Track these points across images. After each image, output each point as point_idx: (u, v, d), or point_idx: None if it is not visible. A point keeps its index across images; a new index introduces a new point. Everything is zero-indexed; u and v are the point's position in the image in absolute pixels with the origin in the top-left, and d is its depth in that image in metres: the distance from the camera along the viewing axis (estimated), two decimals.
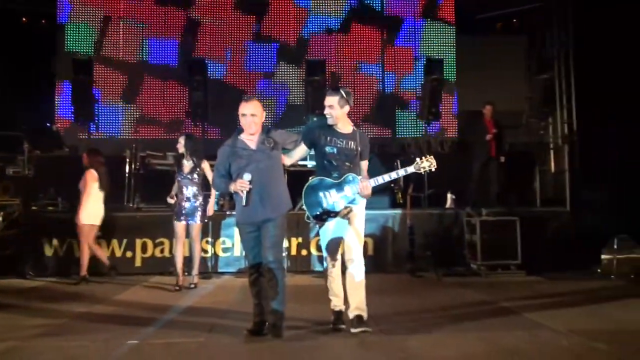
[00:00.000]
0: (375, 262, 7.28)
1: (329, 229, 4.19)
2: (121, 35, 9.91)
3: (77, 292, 5.89)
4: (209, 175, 6.11)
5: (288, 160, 4.23)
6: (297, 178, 7.90)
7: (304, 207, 4.15)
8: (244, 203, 3.90)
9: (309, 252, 7.31)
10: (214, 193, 6.28)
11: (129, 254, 7.13)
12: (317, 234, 7.21)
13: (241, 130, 4.04)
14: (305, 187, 4.14)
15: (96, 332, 4.14)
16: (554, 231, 7.62)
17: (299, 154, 4.22)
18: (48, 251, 7.05)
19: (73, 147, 9.39)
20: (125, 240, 7.13)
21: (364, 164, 4.21)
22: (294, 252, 7.29)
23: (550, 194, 8.94)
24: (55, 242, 7.04)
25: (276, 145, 4.03)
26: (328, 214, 4.10)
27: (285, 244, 7.09)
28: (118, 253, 7.12)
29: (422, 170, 4.11)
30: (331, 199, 4.09)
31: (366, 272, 7.06)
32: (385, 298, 5.58)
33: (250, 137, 4.02)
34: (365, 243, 7.31)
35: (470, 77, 9.96)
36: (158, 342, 3.85)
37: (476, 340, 3.85)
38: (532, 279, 6.60)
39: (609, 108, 8.37)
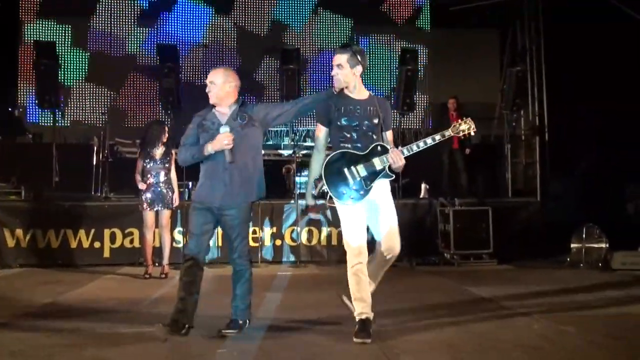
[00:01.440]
0: None
1: (358, 214, 3.48)
2: (90, 19, 9.63)
3: (43, 282, 5.72)
4: (173, 164, 6.05)
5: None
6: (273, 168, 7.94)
7: (325, 188, 3.45)
8: (228, 159, 3.44)
9: (283, 242, 7.29)
10: (176, 181, 6.14)
11: (97, 244, 6.96)
12: (293, 224, 7.22)
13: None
14: (324, 164, 3.46)
15: (61, 322, 4.02)
16: (524, 221, 7.80)
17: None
18: (10, 242, 6.82)
19: (37, 134, 9.11)
20: (93, 231, 6.96)
21: (389, 135, 3.59)
22: (267, 242, 7.25)
23: (521, 184, 9.14)
24: (18, 232, 6.82)
25: (250, 121, 3.54)
26: (357, 193, 3.43)
27: (260, 234, 7.06)
28: (85, 244, 6.94)
29: (460, 134, 3.62)
30: (358, 175, 3.43)
31: (341, 261, 7.18)
32: None
33: (223, 109, 3.60)
34: (340, 233, 7.35)
35: (444, 69, 10.05)
36: (127, 332, 3.76)
37: (449, 325, 3.90)
38: (503, 268, 6.74)
39: (578, 101, 8.59)
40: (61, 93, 8.60)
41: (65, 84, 9.22)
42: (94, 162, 7.89)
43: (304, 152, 7.96)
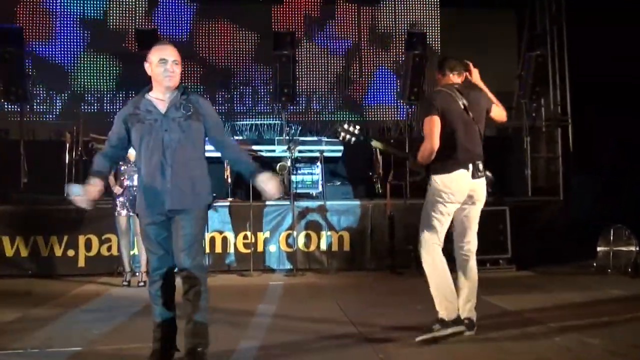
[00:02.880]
0: (352, 259, 7.37)
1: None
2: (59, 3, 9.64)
3: (11, 295, 5.76)
4: None
5: None
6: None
7: None
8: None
9: (277, 248, 7.33)
10: None
11: (70, 252, 7.00)
12: (289, 228, 7.26)
13: (150, 89, 3.36)
14: None
15: (32, 338, 4.06)
16: (546, 222, 7.85)
17: None
18: None
19: (3, 130, 9.14)
20: (66, 237, 6.99)
21: None
22: (260, 248, 7.29)
23: (542, 181, 9.19)
24: None
25: (195, 114, 3.29)
26: None
27: (252, 239, 7.09)
28: (58, 252, 6.97)
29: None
30: None
31: (342, 270, 7.27)
32: (362, 297, 5.68)
33: (160, 96, 3.30)
34: (341, 237, 7.43)
35: (456, 53, 10.06)
36: (105, 349, 3.81)
37: (463, 340, 3.94)
38: (522, 274, 6.80)
39: (605, 88, 8.63)
40: (28, 85, 8.61)
41: (33, 74, 9.20)
42: (67, 161, 7.90)
43: (300, 147, 7.99)
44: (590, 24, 8.67)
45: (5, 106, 8.98)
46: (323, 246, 7.37)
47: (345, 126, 4.18)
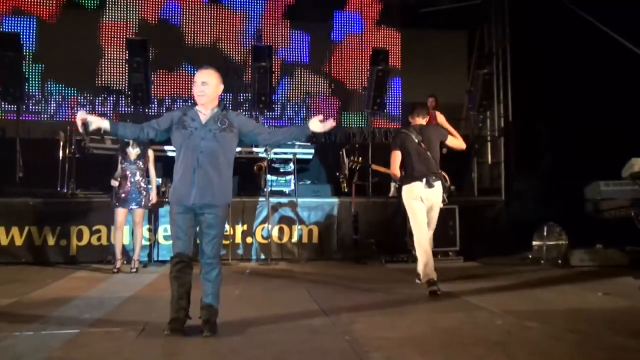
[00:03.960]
0: (320, 250, 7.38)
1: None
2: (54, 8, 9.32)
3: (6, 281, 5.55)
4: (152, 164, 6.27)
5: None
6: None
7: None
8: (80, 130, 3.69)
9: (253, 240, 7.27)
10: (155, 180, 6.31)
11: (63, 242, 6.81)
12: (264, 222, 7.21)
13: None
14: None
15: (27, 322, 3.93)
16: (489, 219, 8.03)
17: None
18: None
19: (0, 128, 8.80)
20: (59, 228, 6.79)
21: None
22: (238, 239, 7.23)
23: (487, 183, 9.36)
24: None
25: (229, 127, 3.58)
26: None
27: (230, 231, 7.02)
28: (51, 241, 6.78)
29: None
30: None
31: (312, 260, 7.26)
32: (330, 284, 5.67)
33: (204, 110, 3.61)
34: (311, 231, 7.42)
35: (415, 69, 10.19)
36: (96, 331, 3.70)
37: (417, 322, 3.99)
38: (469, 265, 6.92)
39: (544, 101, 8.86)
40: (25, 86, 8.33)
41: (30, 76, 8.89)
42: (60, 158, 7.67)
43: (276, 150, 7.94)
44: (531, 46, 8.89)
45: (3, 106, 8.68)
46: (295, 238, 7.36)
47: (353, 158, 5.96)
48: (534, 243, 7.08)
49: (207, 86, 3.58)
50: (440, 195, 5.12)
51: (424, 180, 5.00)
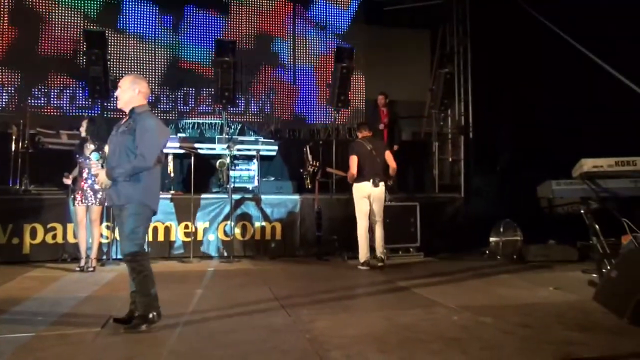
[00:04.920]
0: (283, 246, 7.39)
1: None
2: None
3: None
4: None
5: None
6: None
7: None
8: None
9: (215, 237, 7.21)
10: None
11: (15, 240, 6.57)
12: (226, 218, 7.16)
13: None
14: None
15: None
16: (449, 216, 8.22)
17: None
18: None
19: None
20: (11, 226, 6.55)
21: None
22: (200, 236, 7.15)
23: (447, 180, 9.58)
24: None
25: (131, 130, 3.72)
26: None
27: (192, 228, 6.94)
28: (2, 240, 6.53)
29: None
30: None
31: (274, 256, 7.27)
32: (292, 282, 5.70)
33: (123, 117, 3.89)
34: (274, 227, 7.42)
35: (378, 66, 10.29)
36: (51, 334, 3.61)
37: (377, 319, 4.07)
38: (429, 260, 7.08)
39: (502, 101, 9.11)
40: None
41: None
42: (12, 152, 7.38)
43: (239, 146, 7.90)
44: (490, 45, 9.11)
45: None
46: (257, 235, 7.34)
47: (313, 162, 7.05)
48: (491, 239, 7.30)
49: (118, 90, 3.84)
50: (383, 192, 6.49)
51: (371, 180, 6.35)
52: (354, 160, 6.38)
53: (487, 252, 7.30)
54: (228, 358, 3.19)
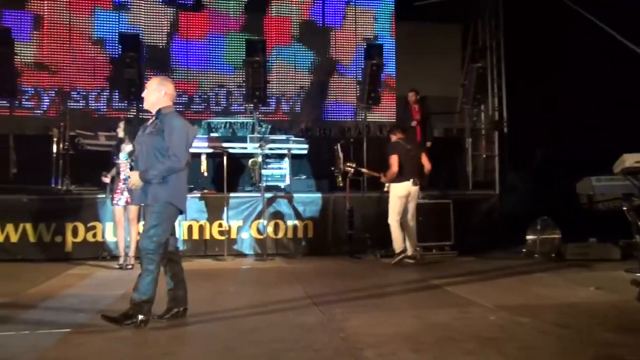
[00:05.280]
0: (315, 245, 7.40)
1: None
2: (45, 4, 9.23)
3: (1, 279, 5.56)
4: None
5: None
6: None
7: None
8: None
9: (249, 235, 7.29)
10: None
11: (58, 238, 6.80)
12: (259, 217, 7.23)
13: None
14: None
15: (22, 321, 3.95)
16: (484, 213, 8.06)
17: None
18: None
19: None
20: (53, 225, 6.78)
21: None
22: (233, 235, 7.24)
23: (481, 177, 9.40)
24: None
25: (159, 131, 3.79)
26: None
27: (225, 227, 7.03)
28: (46, 238, 6.77)
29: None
30: None
31: (306, 254, 7.30)
32: (324, 280, 5.71)
33: (151, 117, 3.97)
34: (306, 226, 7.45)
35: (409, 63, 10.18)
36: (91, 330, 3.72)
37: (411, 318, 4.03)
38: (463, 259, 6.96)
39: (536, 96, 8.88)
40: (17, 81, 8.29)
41: (21, 71, 8.83)
42: (54, 154, 7.65)
43: (271, 145, 7.95)
44: (525, 39, 8.89)
45: None
46: (290, 234, 7.38)
47: (348, 163, 7.18)
48: (528, 237, 7.13)
49: (145, 92, 3.98)
50: (418, 191, 6.74)
51: (411, 180, 6.54)
52: (395, 160, 6.52)
53: (524, 250, 7.13)
54: (261, 356, 3.22)
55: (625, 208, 4.65)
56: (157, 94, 3.88)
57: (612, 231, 6.40)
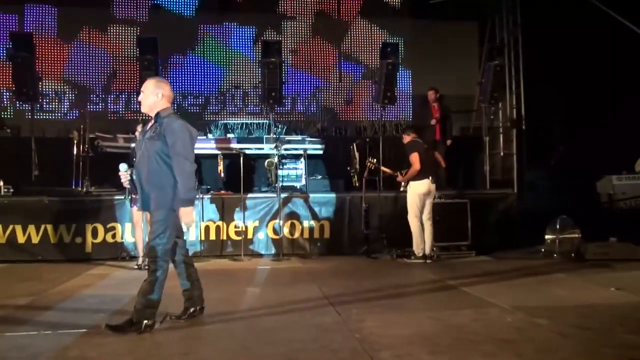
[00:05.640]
0: (331, 245, 7.41)
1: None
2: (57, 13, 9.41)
3: (23, 279, 5.68)
4: None
5: None
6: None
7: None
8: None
9: (265, 235, 7.33)
10: None
11: (78, 239, 6.93)
12: (275, 217, 7.26)
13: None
14: None
15: (44, 320, 4.03)
16: (501, 212, 7.96)
17: None
18: None
19: (15, 127, 8.96)
20: (74, 226, 6.91)
21: None
22: (250, 235, 7.29)
23: (499, 175, 9.30)
24: None
25: (159, 135, 3.70)
26: None
27: (242, 227, 7.09)
28: (67, 239, 6.90)
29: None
30: None
31: (323, 254, 7.31)
32: (341, 280, 5.71)
33: (151, 121, 3.89)
34: (322, 226, 7.46)
35: (425, 61, 10.13)
36: (111, 331, 3.78)
37: (427, 319, 4.02)
38: (481, 259, 6.90)
39: (555, 93, 8.76)
40: (39, 86, 8.47)
41: (42, 76, 9.03)
42: (74, 156, 7.79)
43: (286, 145, 7.98)
44: (543, 36, 8.77)
45: (17, 105, 8.83)
46: (306, 234, 7.40)
47: (370, 159, 7.19)
48: (547, 237, 7.03)
49: (141, 95, 3.87)
50: (435, 188, 6.86)
51: (430, 177, 6.68)
52: (417, 157, 6.64)
53: (543, 250, 7.04)
54: (277, 356, 3.25)
55: None
56: (154, 97, 3.82)
57: (633, 230, 6.28)
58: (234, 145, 8.05)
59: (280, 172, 7.70)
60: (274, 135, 8.52)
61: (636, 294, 4.67)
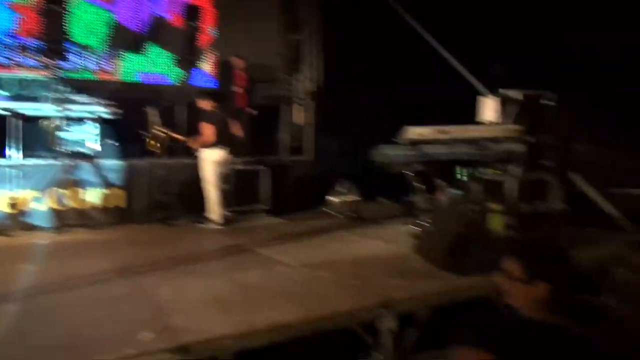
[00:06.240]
0: (126, 214, 7.04)
1: None
2: None
3: None
4: None
5: None
6: None
7: None
8: None
9: (44, 206, 6.60)
10: None
11: None
12: (57, 185, 6.54)
13: None
14: None
15: None
16: (298, 178, 8.58)
17: None
18: None
19: None
20: None
21: None
22: (27, 207, 6.48)
23: (297, 144, 9.91)
24: None
25: None
26: None
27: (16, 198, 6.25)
28: None
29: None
30: None
31: (116, 224, 6.92)
32: (136, 249, 5.52)
33: None
34: (115, 194, 7.02)
35: (228, 28, 10.04)
36: None
37: (222, 282, 4.20)
38: (277, 221, 7.35)
39: (352, 72, 9.57)
40: None
41: None
42: None
43: (73, 107, 7.21)
44: (343, 12, 9.40)
45: None
46: (96, 202, 6.89)
47: (160, 129, 7.02)
48: (330, 199, 7.83)
49: None
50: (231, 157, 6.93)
51: (225, 147, 6.72)
52: (211, 129, 6.63)
53: (330, 211, 7.82)
54: (59, 338, 3.03)
55: (408, 172, 5.46)
56: None
57: (398, 192, 7.37)
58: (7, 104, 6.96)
59: (67, 136, 6.95)
60: (59, 95, 7.58)
61: (395, 245, 5.55)
